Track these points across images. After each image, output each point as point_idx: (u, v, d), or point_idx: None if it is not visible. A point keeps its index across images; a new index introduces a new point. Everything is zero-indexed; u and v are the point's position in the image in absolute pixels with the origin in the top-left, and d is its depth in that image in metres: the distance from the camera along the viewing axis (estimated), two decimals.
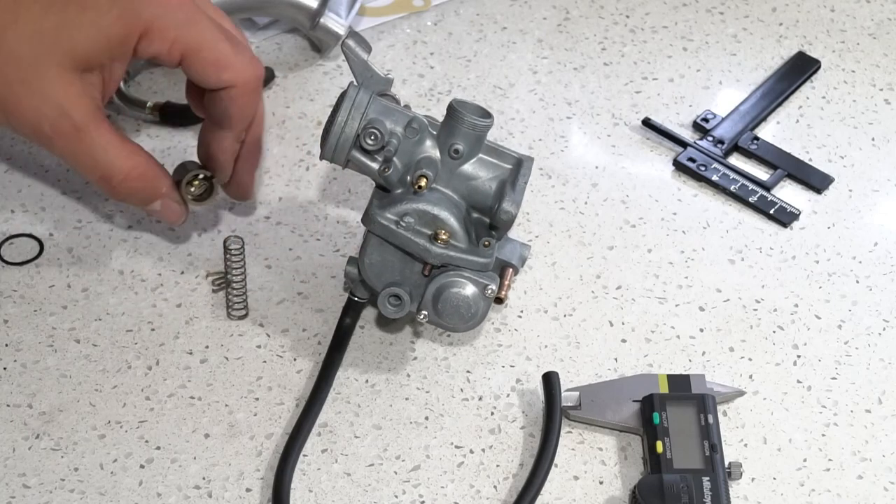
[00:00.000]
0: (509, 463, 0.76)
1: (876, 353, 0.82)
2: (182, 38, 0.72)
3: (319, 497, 0.74)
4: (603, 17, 1.06)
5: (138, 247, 0.86)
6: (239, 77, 0.75)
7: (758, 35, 1.05)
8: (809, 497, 0.75)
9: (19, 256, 0.85)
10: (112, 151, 0.74)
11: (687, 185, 0.93)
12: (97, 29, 0.71)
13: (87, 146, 0.73)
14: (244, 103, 0.76)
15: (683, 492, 0.71)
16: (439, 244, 0.73)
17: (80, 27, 0.71)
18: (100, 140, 0.73)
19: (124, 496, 0.73)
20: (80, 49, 0.71)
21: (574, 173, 0.93)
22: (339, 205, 0.90)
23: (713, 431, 0.74)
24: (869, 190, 0.93)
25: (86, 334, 0.81)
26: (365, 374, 0.80)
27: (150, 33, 0.72)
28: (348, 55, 0.75)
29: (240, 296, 0.82)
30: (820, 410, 0.79)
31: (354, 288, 0.80)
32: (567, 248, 0.88)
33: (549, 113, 0.97)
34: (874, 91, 1.01)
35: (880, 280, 0.87)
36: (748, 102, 0.98)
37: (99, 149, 0.73)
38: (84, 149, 0.73)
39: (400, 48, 1.02)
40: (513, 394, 0.79)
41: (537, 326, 0.83)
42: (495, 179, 0.76)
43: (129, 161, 0.74)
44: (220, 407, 0.78)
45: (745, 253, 0.88)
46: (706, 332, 0.83)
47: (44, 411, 0.77)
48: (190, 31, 0.73)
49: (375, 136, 0.73)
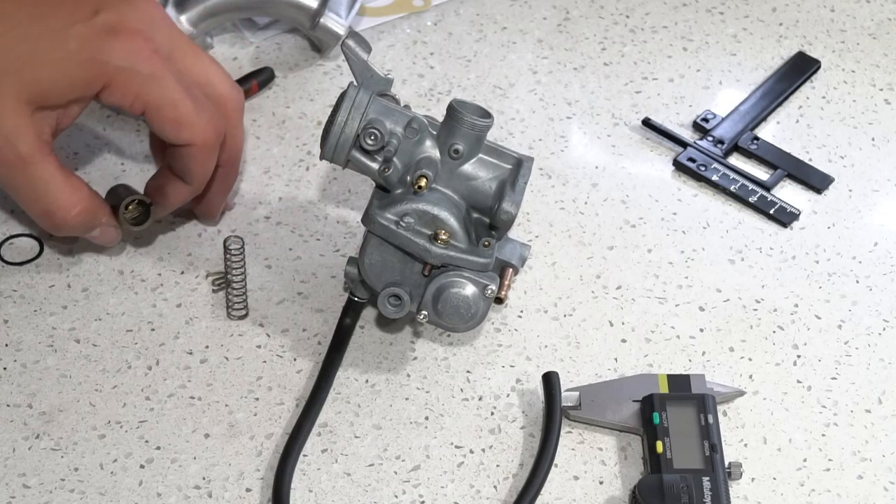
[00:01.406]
0: (509, 463, 0.76)
1: (876, 353, 0.82)
2: (144, 93, 0.74)
3: (319, 497, 0.74)
4: (603, 17, 1.06)
5: (138, 247, 0.86)
6: (198, 137, 0.76)
7: (758, 35, 1.05)
8: (809, 497, 0.75)
9: (19, 256, 0.85)
10: (55, 186, 0.74)
11: (687, 185, 0.93)
12: (62, 71, 0.72)
13: (30, 178, 0.74)
14: (202, 161, 0.78)
15: (683, 492, 0.71)
16: (439, 244, 0.73)
17: (45, 65, 0.72)
18: (43, 173, 0.74)
19: (124, 496, 0.73)
20: (41, 86, 0.72)
21: (574, 173, 0.93)
22: (339, 205, 0.90)
23: (713, 431, 0.74)
24: (869, 190, 0.93)
25: (86, 334, 0.81)
26: (365, 374, 0.80)
27: (112, 84, 0.73)
28: (348, 55, 0.75)
29: (240, 296, 0.82)
30: (820, 410, 0.79)
31: (354, 288, 0.80)
32: (567, 248, 0.88)
33: (549, 113, 0.97)
34: (874, 91, 1.01)
35: (880, 280, 0.87)
36: (748, 102, 0.98)
37: (41, 182, 0.74)
38: (27, 181, 0.74)
39: (400, 48, 1.02)
40: (513, 394, 0.79)
41: (537, 326, 0.83)
42: (495, 179, 0.76)
43: (72, 196, 0.75)
44: (220, 407, 0.78)
45: (745, 253, 0.88)
46: (706, 332, 0.83)
47: (44, 411, 0.77)
48: (153, 88, 0.74)
49: (375, 136, 0.73)
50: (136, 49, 0.73)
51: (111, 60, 0.72)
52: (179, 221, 0.87)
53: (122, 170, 0.90)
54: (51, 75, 0.72)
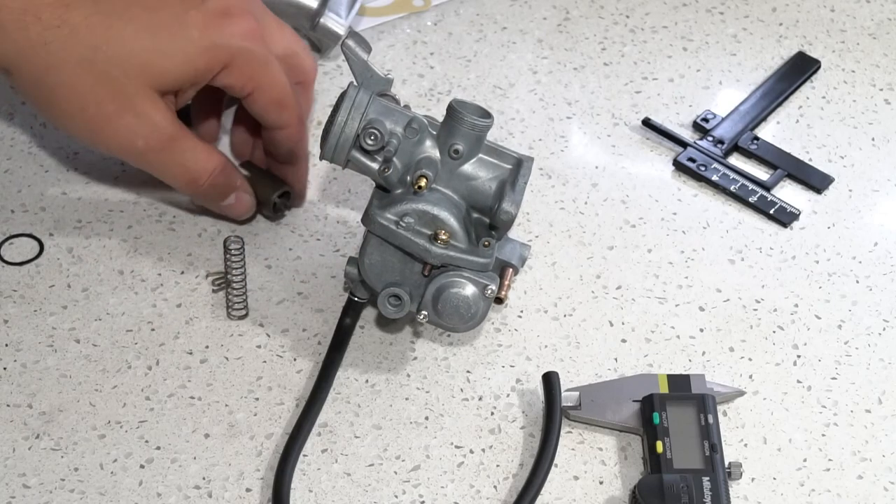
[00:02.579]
0: (509, 463, 0.76)
1: (876, 353, 0.82)
2: (258, 75, 0.77)
3: (319, 497, 0.74)
4: (603, 17, 1.06)
5: (138, 247, 0.86)
6: (296, 117, 0.80)
7: (758, 35, 1.05)
8: (809, 497, 0.75)
9: (19, 256, 0.85)
10: (199, 154, 0.79)
11: (687, 185, 0.93)
12: (185, 58, 0.75)
13: (178, 155, 0.78)
14: (302, 137, 0.82)
15: (683, 492, 0.71)
16: (439, 244, 0.73)
17: (170, 55, 0.74)
18: (188, 145, 0.78)
19: (124, 496, 0.73)
20: (169, 76, 0.75)
21: (574, 173, 0.93)
22: (339, 205, 0.90)
23: (713, 431, 0.74)
24: (869, 190, 0.93)
25: (86, 334, 0.81)
26: (365, 374, 0.80)
27: (231, 66, 0.76)
28: (348, 55, 0.75)
29: (240, 296, 0.82)
30: (820, 410, 0.79)
31: (354, 288, 0.80)
32: (567, 248, 0.88)
33: (549, 113, 0.97)
34: (874, 91, 1.01)
35: (880, 280, 0.87)
36: (748, 102, 0.98)
37: (188, 153, 0.78)
38: (175, 158, 0.78)
39: (400, 48, 1.02)
40: (513, 394, 0.79)
41: (537, 326, 0.83)
42: (495, 179, 0.76)
43: (211, 161, 0.79)
44: (220, 407, 0.78)
45: (745, 253, 0.88)
46: (706, 332, 0.83)
47: (44, 411, 0.77)
48: (266, 70, 0.77)
49: (375, 137, 0.73)
50: (250, 31, 0.76)
51: (231, 43, 0.75)
52: (179, 221, 0.87)
53: (121, 169, 0.90)
54: (175, 64, 0.74)
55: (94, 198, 0.89)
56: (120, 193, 0.89)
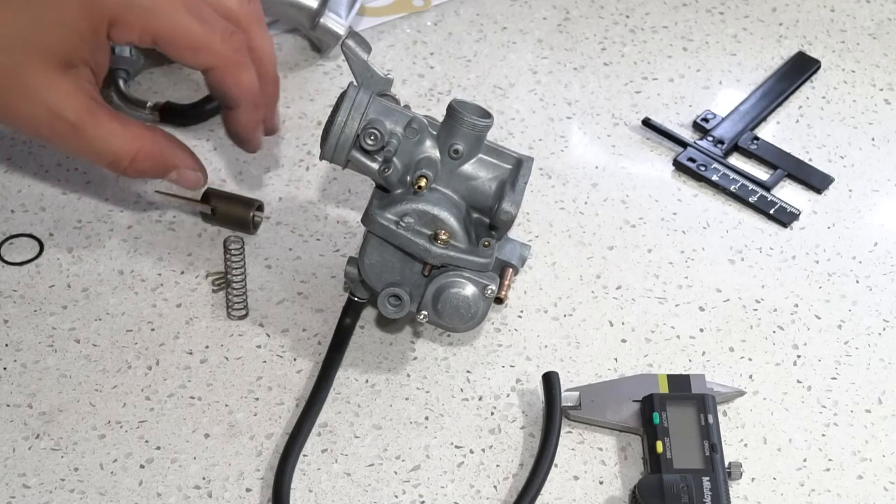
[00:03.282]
0: (509, 463, 0.76)
1: (876, 353, 0.82)
2: (150, 25, 0.72)
3: (319, 497, 0.74)
4: (603, 17, 1.06)
5: (138, 247, 0.86)
6: (217, 58, 0.74)
7: (758, 35, 1.05)
8: (809, 497, 0.75)
9: (19, 256, 0.85)
10: (113, 140, 0.73)
11: (687, 185, 0.93)
12: (63, 26, 0.71)
13: (87, 141, 0.73)
14: (234, 81, 0.75)
15: (683, 492, 0.71)
16: (439, 244, 0.73)
17: (49, 27, 0.70)
18: (98, 132, 0.73)
19: (124, 496, 0.73)
20: (55, 48, 0.71)
21: (574, 173, 0.93)
22: (339, 205, 0.90)
23: (713, 431, 0.74)
24: (869, 190, 0.93)
25: (86, 334, 0.81)
26: (365, 374, 0.80)
27: (117, 23, 0.71)
28: (348, 55, 0.75)
29: (240, 296, 0.82)
30: (820, 410, 0.79)
31: (354, 288, 0.80)
32: (567, 248, 0.88)
33: (549, 113, 0.97)
34: (874, 91, 1.01)
35: (880, 280, 0.87)
36: (748, 102, 0.98)
37: (99, 140, 0.73)
38: (85, 143, 0.73)
39: (400, 48, 1.02)
40: (513, 394, 0.79)
41: (537, 326, 0.83)
42: (495, 179, 0.76)
43: (133, 144, 0.74)
44: (220, 407, 0.78)
45: (745, 253, 0.88)
46: (706, 332, 0.83)
47: (44, 411, 0.77)
48: (157, 18, 0.72)
49: (375, 137, 0.73)
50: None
51: (106, 1, 0.71)
52: (179, 221, 0.87)
53: None
54: (57, 35, 0.70)
55: (94, 198, 0.89)
56: (120, 193, 0.89)
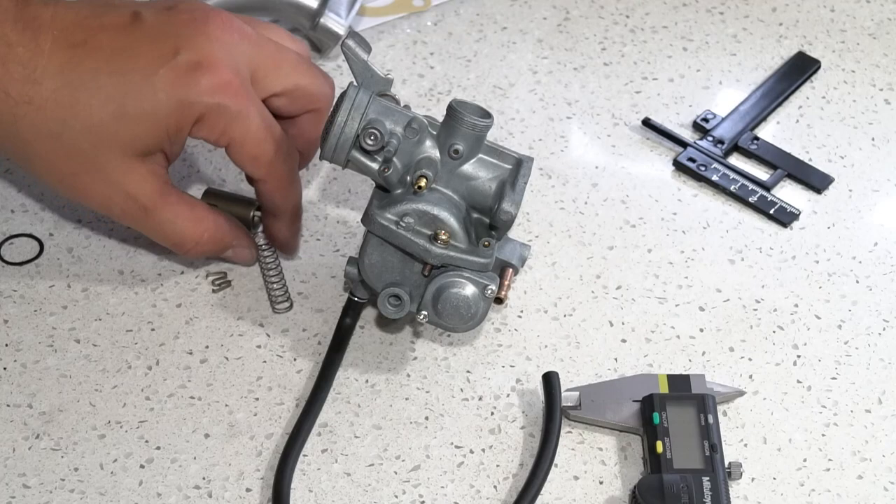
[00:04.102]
0: (509, 463, 0.76)
1: (876, 353, 0.82)
2: (231, 130, 0.75)
3: (319, 497, 0.74)
4: (603, 17, 1.06)
5: (138, 247, 0.86)
6: (273, 174, 0.78)
7: (758, 35, 1.05)
8: (809, 497, 0.75)
9: (19, 256, 0.85)
10: (180, 223, 0.78)
11: (687, 185, 0.93)
12: (154, 121, 0.73)
13: (156, 223, 0.77)
14: (282, 197, 0.80)
15: (683, 492, 0.71)
16: (439, 244, 0.73)
17: (136, 119, 0.73)
18: (167, 216, 0.77)
19: (124, 496, 0.73)
20: (140, 140, 0.74)
21: (574, 173, 0.93)
22: (339, 205, 0.90)
23: (713, 431, 0.74)
24: (869, 190, 0.93)
25: (86, 334, 0.81)
26: (365, 374, 0.80)
27: (201, 122, 0.74)
28: (348, 55, 0.75)
29: (280, 288, 0.82)
30: (820, 410, 0.79)
31: (354, 288, 0.80)
32: (567, 248, 0.88)
33: (549, 113, 0.97)
34: (874, 91, 1.01)
35: (880, 280, 0.87)
36: (748, 102, 0.98)
37: (168, 224, 0.77)
38: (154, 225, 0.77)
39: (400, 48, 1.02)
40: (513, 394, 0.79)
41: (537, 326, 0.83)
42: (495, 179, 0.76)
43: (198, 228, 0.78)
44: (220, 407, 0.78)
45: (745, 253, 0.88)
46: (706, 332, 0.83)
47: (44, 411, 0.77)
48: (239, 125, 0.75)
49: (375, 137, 0.73)
50: (222, 84, 0.73)
51: (200, 100, 0.73)
52: None
53: None
54: (145, 128, 0.73)
55: None
56: None
